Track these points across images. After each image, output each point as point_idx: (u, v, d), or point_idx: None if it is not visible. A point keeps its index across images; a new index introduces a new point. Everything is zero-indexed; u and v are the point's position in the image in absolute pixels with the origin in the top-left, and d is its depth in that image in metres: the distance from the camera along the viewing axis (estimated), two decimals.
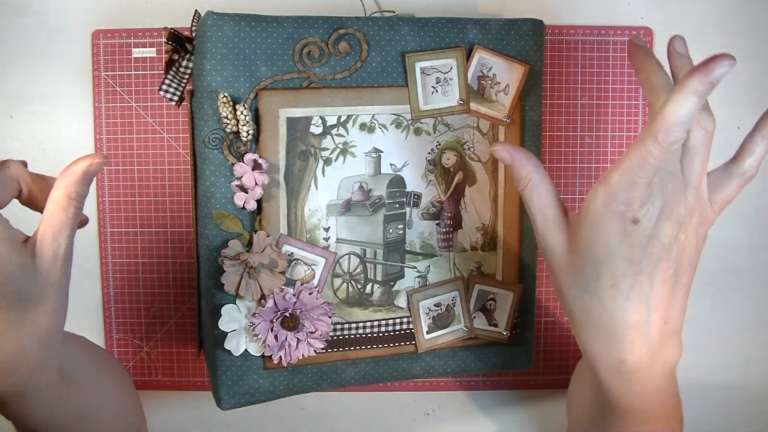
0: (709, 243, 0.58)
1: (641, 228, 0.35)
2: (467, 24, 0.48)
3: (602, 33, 0.56)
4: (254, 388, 0.47)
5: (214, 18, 0.44)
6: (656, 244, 0.36)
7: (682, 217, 0.36)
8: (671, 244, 0.36)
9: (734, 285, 0.59)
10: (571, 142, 0.56)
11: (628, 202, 0.35)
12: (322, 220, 0.47)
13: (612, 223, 0.36)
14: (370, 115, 0.47)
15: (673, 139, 0.33)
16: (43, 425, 0.39)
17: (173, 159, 0.55)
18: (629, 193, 0.35)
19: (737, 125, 0.57)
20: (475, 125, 0.49)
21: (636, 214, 0.35)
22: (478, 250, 0.51)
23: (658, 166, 0.34)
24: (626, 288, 0.37)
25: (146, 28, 0.54)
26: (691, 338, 0.59)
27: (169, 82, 0.48)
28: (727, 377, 0.60)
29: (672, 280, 0.37)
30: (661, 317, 0.38)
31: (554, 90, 0.56)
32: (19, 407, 0.37)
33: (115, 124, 0.55)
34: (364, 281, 0.49)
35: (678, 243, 0.37)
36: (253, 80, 0.45)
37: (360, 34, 0.46)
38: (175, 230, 0.55)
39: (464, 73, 0.48)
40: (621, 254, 0.36)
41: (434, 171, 0.49)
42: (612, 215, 0.35)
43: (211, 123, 0.45)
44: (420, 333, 0.50)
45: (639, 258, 0.36)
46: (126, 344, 0.56)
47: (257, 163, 0.45)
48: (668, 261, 0.36)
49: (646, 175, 0.34)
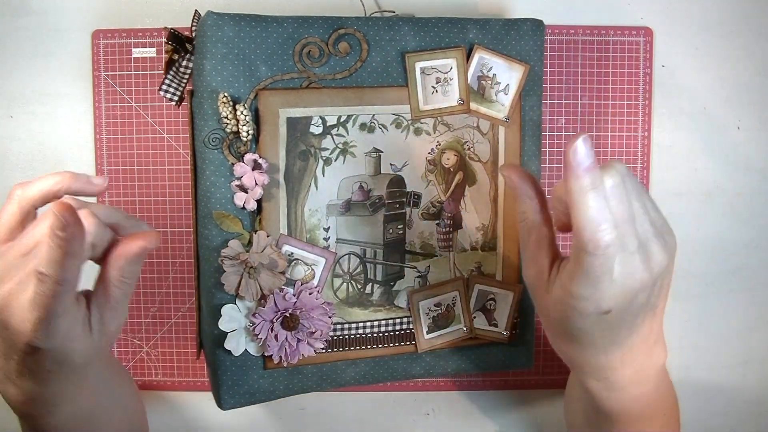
0: (709, 243, 0.58)
1: (615, 312, 0.34)
2: (467, 24, 0.48)
3: (602, 33, 0.56)
4: (254, 388, 0.47)
5: (214, 18, 0.44)
6: (632, 308, 0.35)
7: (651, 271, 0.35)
8: (646, 300, 0.35)
9: (734, 285, 0.59)
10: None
11: (596, 303, 0.34)
12: (322, 220, 0.47)
13: (586, 319, 0.35)
14: (370, 115, 0.47)
15: (607, 241, 0.31)
16: (54, 424, 0.39)
17: (173, 159, 0.55)
18: (594, 294, 0.34)
19: (737, 125, 0.57)
20: (475, 125, 0.49)
21: (607, 306, 0.34)
22: (478, 250, 0.50)
23: (609, 265, 0.32)
24: (605, 343, 0.37)
25: (146, 28, 0.54)
26: (691, 338, 0.59)
27: (169, 82, 0.48)
28: (727, 377, 0.60)
29: (650, 314, 0.37)
30: (643, 338, 0.37)
31: (554, 90, 0.56)
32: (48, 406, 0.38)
33: (115, 124, 0.55)
34: (364, 281, 0.49)
35: (653, 292, 0.35)
36: (253, 80, 0.45)
37: (360, 34, 0.46)
38: (175, 230, 0.55)
39: (464, 73, 0.48)
40: (598, 333, 0.36)
41: (434, 171, 0.49)
42: (583, 317, 0.35)
43: (211, 123, 0.45)
44: (420, 333, 0.50)
45: (618, 324, 0.36)
46: (126, 344, 0.56)
47: (257, 163, 0.44)
48: (646, 306, 0.36)
49: (605, 275, 0.33)
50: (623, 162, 0.37)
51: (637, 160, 0.57)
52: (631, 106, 0.56)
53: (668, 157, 0.57)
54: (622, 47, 0.56)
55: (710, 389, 0.59)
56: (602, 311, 0.34)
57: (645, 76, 0.56)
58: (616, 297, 0.33)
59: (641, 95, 0.56)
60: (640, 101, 0.56)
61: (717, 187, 0.58)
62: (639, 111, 0.56)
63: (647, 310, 0.36)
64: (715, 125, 0.57)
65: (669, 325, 0.58)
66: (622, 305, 0.34)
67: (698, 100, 0.57)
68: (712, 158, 0.58)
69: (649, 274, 0.34)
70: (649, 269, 0.34)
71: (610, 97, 0.56)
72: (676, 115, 0.57)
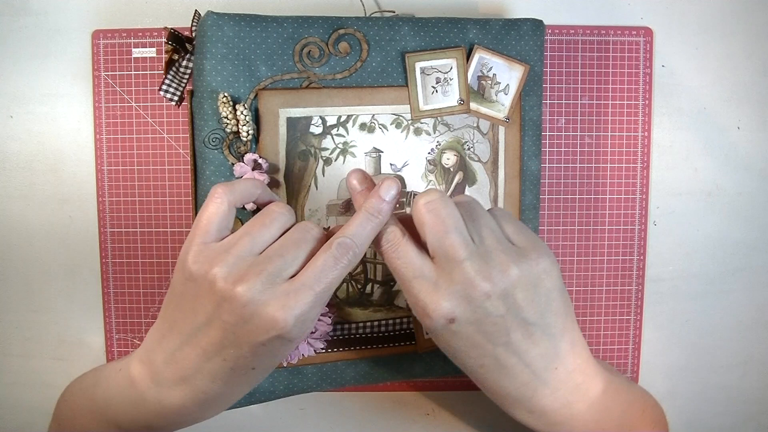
0: (709, 243, 0.58)
1: (460, 320, 0.36)
2: (467, 24, 0.48)
3: (602, 33, 0.56)
4: (254, 388, 0.47)
5: (214, 18, 0.44)
6: (490, 319, 0.36)
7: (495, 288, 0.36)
8: (505, 311, 0.36)
9: (734, 285, 0.59)
10: (571, 142, 0.56)
11: (437, 312, 0.36)
12: (322, 220, 0.47)
13: (441, 333, 0.37)
14: (370, 115, 0.47)
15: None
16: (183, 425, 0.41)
17: (173, 159, 0.55)
18: (429, 304, 0.36)
19: (737, 125, 0.57)
20: (475, 125, 0.49)
21: (447, 313, 0.36)
22: None
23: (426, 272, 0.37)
24: (494, 366, 0.38)
25: (146, 28, 0.54)
26: (691, 338, 0.59)
27: (169, 82, 0.48)
28: (726, 377, 0.60)
29: (537, 332, 0.37)
30: (547, 366, 0.38)
31: (554, 90, 0.56)
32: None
33: (115, 124, 0.55)
34: (364, 281, 0.49)
35: (513, 304, 0.36)
36: (253, 80, 0.45)
37: (360, 34, 0.46)
38: (175, 230, 0.55)
39: (464, 73, 0.48)
40: (463, 348, 0.37)
41: (434, 171, 0.49)
42: (437, 332, 0.37)
43: (211, 123, 0.45)
44: (420, 333, 0.50)
45: (482, 339, 0.37)
46: (126, 344, 0.56)
47: (257, 163, 0.45)
48: (513, 320, 0.37)
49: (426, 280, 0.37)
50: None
51: (637, 160, 0.57)
52: (631, 106, 0.56)
53: (668, 157, 0.57)
54: (622, 47, 0.56)
55: (710, 389, 0.59)
56: (447, 319, 0.36)
57: (645, 76, 0.56)
58: (453, 304, 0.35)
59: (641, 95, 0.56)
60: (640, 101, 0.56)
61: (717, 187, 0.58)
62: (639, 111, 0.56)
63: (523, 326, 0.37)
64: (715, 125, 0.57)
65: (669, 325, 0.58)
66: (468, 315, 0.36)
67: (698, 100, 0.57)
68: (712, 158, 0.58)
69: (491, 284, 0.35)
70: (489, 278, 0.35)
71: (610, 97, 0.56)
72: (676, 115, 0.57)
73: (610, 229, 0.57)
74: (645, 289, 0.57)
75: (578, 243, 0.57)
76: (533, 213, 0.51)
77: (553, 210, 0.56)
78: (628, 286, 0.57)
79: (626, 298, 0.57)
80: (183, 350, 0.37)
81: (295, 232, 0.37)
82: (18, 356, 0.57)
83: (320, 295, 0.36)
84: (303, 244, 0.37)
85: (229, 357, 0.36)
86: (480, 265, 0.35)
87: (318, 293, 0.35)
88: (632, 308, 0.57)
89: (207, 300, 0.35)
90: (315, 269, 0.36)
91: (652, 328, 0.58)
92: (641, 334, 0.58)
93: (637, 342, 0.58)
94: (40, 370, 0.57)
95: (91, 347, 0.56)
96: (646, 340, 0.58)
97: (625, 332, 0.57)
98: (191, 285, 0.36)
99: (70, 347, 0.56)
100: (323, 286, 0.36)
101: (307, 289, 0.35)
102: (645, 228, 0.57)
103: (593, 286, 0.57)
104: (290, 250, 0.36)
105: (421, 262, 0.37)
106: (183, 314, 0.37)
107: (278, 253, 0.36)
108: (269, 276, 0.35)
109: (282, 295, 0.35)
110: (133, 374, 0.40)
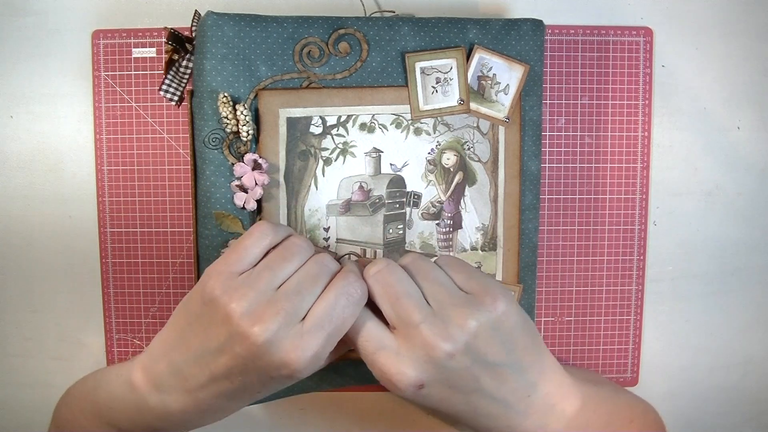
0: (709, 243, 0.58)
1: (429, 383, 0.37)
2: (467, 24, 0.48)
3: (602, 33, 0.56)
4: None
5: (214, 18, 0.44)
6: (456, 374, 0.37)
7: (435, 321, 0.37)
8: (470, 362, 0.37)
9: (733, 285, 0.59)
10: (571, 142, 0.56)
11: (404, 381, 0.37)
12: (322, 220, 0.47)
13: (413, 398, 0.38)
14: (370, 115, 0.47)
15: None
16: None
17: (173, 159, 0.55)
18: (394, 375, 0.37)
19: (737, 125, 0.57)
20: (475, 125, 0.49)
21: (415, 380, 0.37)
22: (478, 250, 0.51)
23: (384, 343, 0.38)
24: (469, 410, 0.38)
25: (146, 28, 0.54)
26: (691, 338, 0.59)
27: (169, 82, 0.48)
28: (727, 377, 0.60)
29: (506, 370, 0.38)
30: (520, 397, 0.38)
31: (554, 90, 0.56)
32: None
33: (115, 124, 0.55)
34: None
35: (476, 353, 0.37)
36: (253, 80, 0.45)
37: (360, 34, 0.46)
38: (175, 230, 0.55)
39: (464, 73, 0.48)
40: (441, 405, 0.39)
41: (434, 171, 0.49)
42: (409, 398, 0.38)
43: (211, 123, 0.45)
44: None
45: (453, 392, 0.38)
46: (126, 344, 0.56)
47: (257, 163, 0.45)
48: (482, 367, 0.37)
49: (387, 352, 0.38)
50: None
51: (637, 160, 0.57)
52: (631, 106, 0.56)
53: (668, 157, 0.57)
54: (622, 47, 0.56)
55: (710, 389, 0.59)
56: (415, 386, 0.36)
57: (645, 76, 0.56)
58: (419, 371, 0.36)
59: (641, 95, 0.56)
60: (640, 101, 0.56)
61: (717, 187, 0.58)
62: (639, 111, 0.56)
63: (490, 369, 0.37)
64: (715, 125, 0.57)
65: (669, 325, 0.58)
66: (435, 376, 0.36)
67: (698, 100, 0.57)
68: (712, 158, 0.58)
69: (451, 343, 0.36)
70: (449, 338, 0.36)
71: (610, 97, 0.56)
72: (676, 115, 0.57)
73: (610, 229, 0.57)
74: (645, 289, 0.57)
75: (578, 243, 0.57)
76: (533, 213, 0.51)
77: (553, 210, 0.56)
78: (628, 286, 0.57)
79: (626, 298, 0.57)
80: (190, 367, 0.38)
81: (313, 266, 0.38)
82: (18, 356, 0.57)
83: (333, 334, 0.36)
84: (320, 279, 0.37)
85: (237, 382, 0.37)
86: (437, 326, 0.36)
87: (330, 333, 0.36)
88: (632, 308, 0.57)
89: (222, 330, 0.36)
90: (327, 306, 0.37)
91: (652, 328, 0.58)
92: (641, 334, 0.58)
93: (637, 342, 0.58)
94: (40, 370, 0.57)
95: (91, 347, 0.56)
96: (646, 340, 0.58)
97: (625, 332, 0.57)
98: (207, 310, 0.37)
99: (70, 347, 0.56)
100: (334, 326, 0.36)
101: (320, 330, 0.36)
102: (645, 228, 0.57)
103: (593, 286, 0.57)
104: (307, 287, 0.37)
105: (381, 334, 0.37)
106: (194, 333, 0.37)
107: (296, 290, 0.36)
108: (286, 316, 0.35)
109: (296, 337, 0.35)
110: (135, 380, 0.40)
